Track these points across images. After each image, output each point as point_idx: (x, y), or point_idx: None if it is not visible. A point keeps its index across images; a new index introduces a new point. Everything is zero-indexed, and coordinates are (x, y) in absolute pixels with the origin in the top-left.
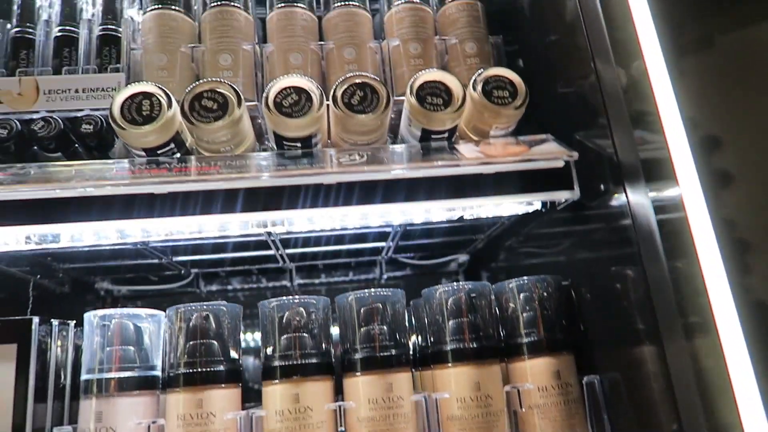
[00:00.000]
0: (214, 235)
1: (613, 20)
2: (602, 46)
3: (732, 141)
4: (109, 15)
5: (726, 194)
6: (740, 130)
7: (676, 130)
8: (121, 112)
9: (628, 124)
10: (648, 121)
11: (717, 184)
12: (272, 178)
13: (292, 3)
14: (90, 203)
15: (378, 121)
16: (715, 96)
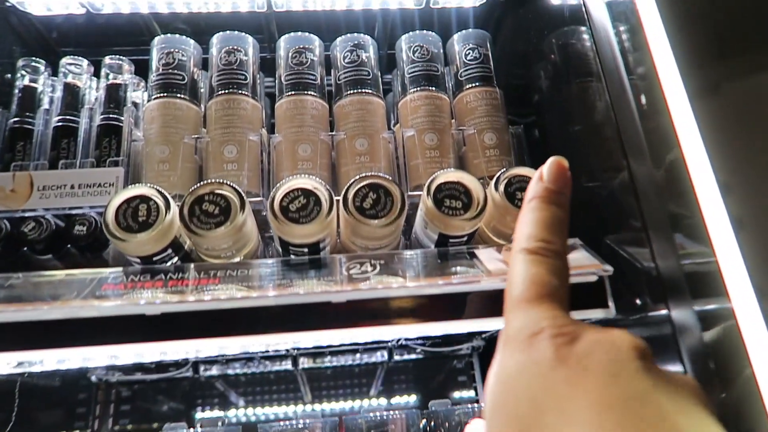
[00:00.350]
0: (214, 354)
1: (647, 114)
2: (636, 140)
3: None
4: (112, 103)
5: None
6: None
7: (723, 232)
8: (115, 218)
9: (667, 230)
10: (689, 225)
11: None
12: (276, 297)
13: (302, 91)
14: (77, 326)
15: (392, 227)
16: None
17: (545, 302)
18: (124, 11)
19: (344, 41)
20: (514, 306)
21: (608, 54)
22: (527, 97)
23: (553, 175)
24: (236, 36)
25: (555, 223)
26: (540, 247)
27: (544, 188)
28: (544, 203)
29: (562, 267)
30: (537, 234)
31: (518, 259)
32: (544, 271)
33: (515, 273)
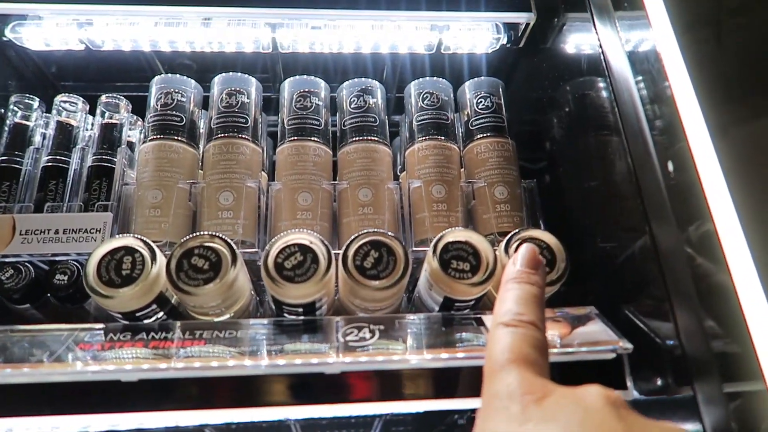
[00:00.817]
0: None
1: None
2: (659, 204)
3: None
4: (106, 144)
5: None
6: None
7: (759, 312)
8: (97, 271)
9: (695, 304)
10: (719, 299)
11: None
12: (263, 367)
13: (305, 137)
14: (48, 391)
15: (394, 289)
16: None
17: (517, 367)
18: (125, 48)
19: (351, 86)
20: (489, 374)
21: (629, 108)
22: (539, 144)
23: (525, 260)
24: (239, 78)
25: (528, 299)
26: (514, 319)
27: (517, 271)
28: (517, 283)
29: (537, 337)
30: (511, 309)
31: (495, 333)
32: (518, 341)
33: (492, 345)
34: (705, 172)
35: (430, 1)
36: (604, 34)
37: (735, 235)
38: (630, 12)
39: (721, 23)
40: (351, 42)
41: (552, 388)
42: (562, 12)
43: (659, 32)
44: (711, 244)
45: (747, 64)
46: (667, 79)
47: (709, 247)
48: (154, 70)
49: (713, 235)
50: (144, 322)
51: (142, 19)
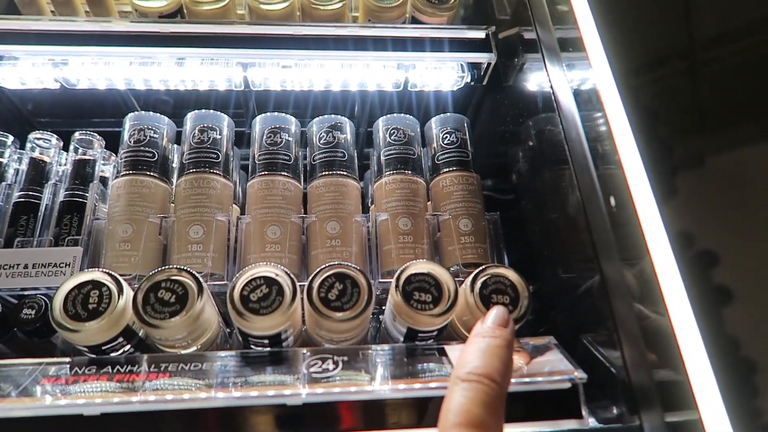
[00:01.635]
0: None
1: (616, 214)
2: (605, 239)
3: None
4: (78, 179)
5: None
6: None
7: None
8: (64, 305)
9: (638, 337)
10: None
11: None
12: (224, 399)
13: (274, 171)
14: (11, 426)
15: (357, 320)
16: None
17: (461, 430)
18: (100, 87)
19: (321, 122)
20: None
21: (576, 144)
22: (505, 177)
23: (495, 319)
24: (211, 115)
25: (490, 352)
26: (471, 372)
27: (484, 327)
28: (482, 337)
29: (490, 393)
30: (471, 361)
31: (451, 388)
32: (468, 401)
33: (445, 401)
34: (642, 209)
35: (396, 42)
36: (553, 74)
37: (671, 271)
38: (574, 53)
39: (692, 57)
40: (321, 80)
41: None
42: (521, 53)
43: (598, 72)
44: (649, 279)
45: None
46: (605, 116)
47: (648, 282)
48: (129, 107)
49: (651, 272)
50: (111, 356)
51: (117, 59)
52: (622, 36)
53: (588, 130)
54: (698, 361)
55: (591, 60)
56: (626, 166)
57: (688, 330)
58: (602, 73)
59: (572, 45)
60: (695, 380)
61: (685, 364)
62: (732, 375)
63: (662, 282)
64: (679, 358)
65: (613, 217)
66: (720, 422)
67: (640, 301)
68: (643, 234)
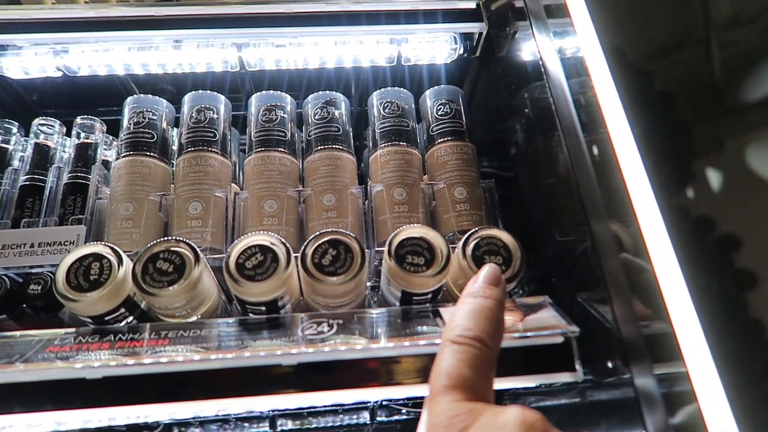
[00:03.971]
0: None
1: (601, 171)
2: (593, 198)
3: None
4: (80, 162)
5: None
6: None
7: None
8: (66, 277)
9: (626, 292)
10: (647, 290)
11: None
12: (221, 360)
13: (270, 147)
14: (17, 390)
15: (351, 284)
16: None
17: (451, 395)
18: (100, 74)
19: (315, 98)
20: (429, 397)
21: (564, 110)
22: (502, 148)
23: (486, 278)
24: (207, 95)
25: (480, 312)
26: (460, 335)
27: (475, 287)
28: (473, 297)
29: (479, 355)
30: (461, 323)
31: (441, 350)
32: (458, 363)
33: (436, 363)
34: (627, 169)
35: (389, 16)
36: (541, 42)
37: (656, 227)
38: (559, 20)
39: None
40: (315, 58)
41: (477, 415)
42: (512, 21)
43: (583, 38)
44: (635, 235)
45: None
46: (590, 79)
47: (634, 238)
48: (130, 93)
49: (636, 230)
50: (112, 326)
51: (116, 44)
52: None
53: (575, 95)
54: (683, 311)
55: (576, 26)
56: (612, 130)
57: (674, 281)
58: (587, 39)
59: (558, 11)
60: (681, 332)
61: (669, 315)
62: (719, 325)
63: (646, 235)
64: (664, 310)
65: (600, 176)
66: (706, 372)
67: (627, 257)
68: (627, 189)
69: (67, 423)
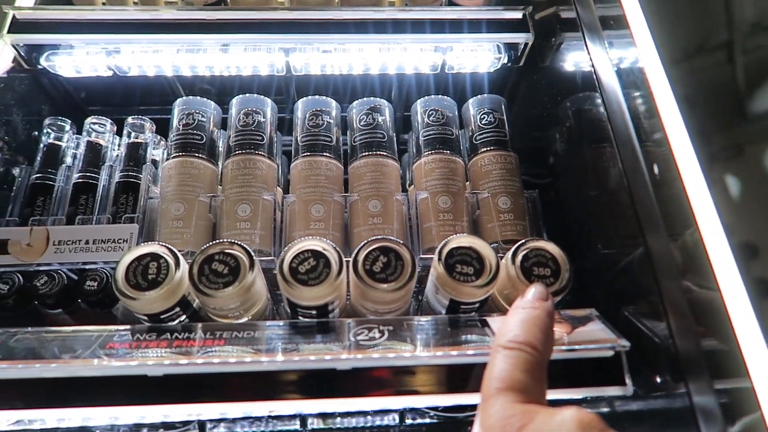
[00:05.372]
0: (216, 417)
1: (661, 184)
2: (650, 212)
3: None
4: (132, 161)
5: None
6: None
7: (742, 310)
8: (125, 275)
9: (684, 306)
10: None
11: None
12: (281, 362)
13: (317, 152)
14: (79, 385)
15: (402, 291)
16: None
17: (505, 397)
18: (149, 74)
19: (360, 105)
20: (483, 399)
21: (620, 121)
22: (543, 160)
23: (534, 294)
24: (255, 98)
25: (530, 321)
26: (511, 341)
27: (525, 300)
28: (521, 309)
29: (531, 360)
30: (512, 330)
31: (493, 355)
32: (510, 367)
33: (488, 368)
34: (688, 179)
35: (435, 24)
36: (594, 53)
37: (716, 233)
38: (616, 31)
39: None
40: (360, 64)
41: (532, 416)
42: (559, 32)
43: (643, 49)
44: (697, 249)
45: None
46: (650, 90)
47: (695, 251)
48: (176, 93)
49: (698, 239)
50: (167, 324)
51: (165, 46)
52: (666, 12)
53: (631, 106)
54: (749, 328)
55: (636, 38)
56: (672, 140)
57: (738, 299)
58: (647, 50)
59: (615, 22)
60: (746, 348)
61: (735, 331)
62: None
63: (709, 249)
64: (729, 326)
65: (658, 190)
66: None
67: (686, 273)
68: (690, 205)
69: (123, 417)
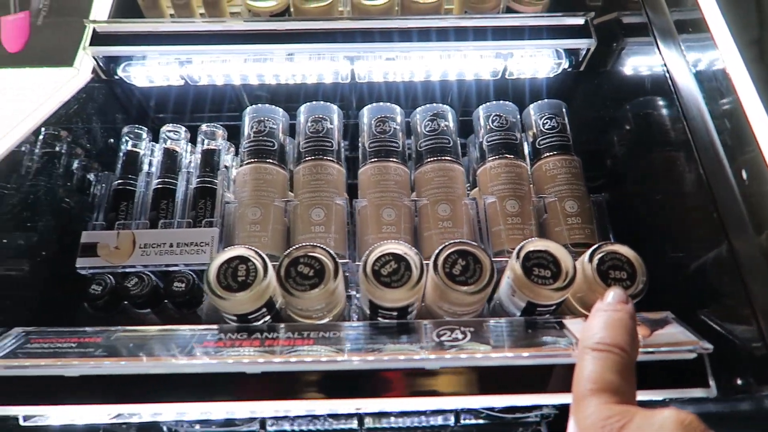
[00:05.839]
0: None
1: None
2: (736, 214)
3: None
4: (208, 167)
5: None
6: None
7: None
8: (217, 277)
9: None
10: None
11: None
12: (388, 361)
13: (386, 158)
14: (177, 381)
15: (482, 294)
16: None
17: (598, 398)
18: (218, 83)
19: (424, 111)
20: (575, 400)
21: (699, 123)
22: (600, 161)
23: (613, 297)
24: (322, 105)
25: (615, 324)
26: (599, 343)
27: (605, 303)
28: (603, 311)
29: (620, 362)
30: (598, 333)
31: (581, 357)
32: (601, 369)
33: (578, 370)
34: None
35: (497, 32)
36: (669, 56)
37: None
38: (694, 35)
39: None
40: (421, 71)
41: (631, 416)
42: (621, 37)
43: (725, 52)
44: None
45: None
46: (735, 93)
47: None
48: (240, 101)
49: None
50: (255, 324)
51: (234, 56)
52: (745, 14)
53: (712, 109)
54: None
55: (716, 40)
56: (762, 144)
57: None
58: (729, 53)
59: (692, 26)
60: None
61: None
62: None
63: None
64: None
65: (744, 190)
66: None
67: None
68: None
69: (214, 413)
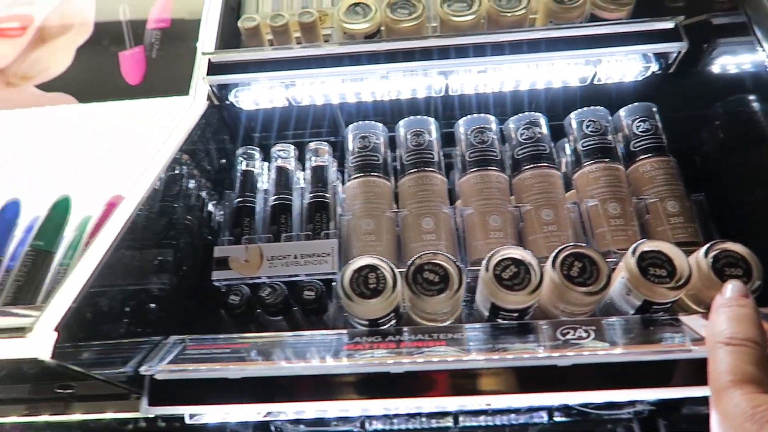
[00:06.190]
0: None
1: None
2: None
3: None
4: (319, 183)
5: None
6: None
7: None
8: (350, 284)
9: None
10: None
11: None
12: (513, 360)
13: (486, 167)
14: (323, 382)
15: (600, 295)
16: None
17: (741, 388)
18: (318, 103)
19: (518, 119)
20: (715, 393)
21: None
22: (689, 161)
23: (733, 290)
24: (419, 119)
25: (741, 318)
26: (731, 338)
27: (727, 299)
28: (728, 307)
29: (755, 354)
30: (727, 328)
31: (714, 352)
32: (737, 360)
33: (714, 365)
34: None
35: (585, 40)
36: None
37: None
38: None
39: None
40: (511, 81)
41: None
42: (712, 38)
43: None
44: None
45: None
46: None
47: None
48: (335, 119)
49: None
50: (386, 328)
51: (332, 78)
52: None
53: None
54: None
55: None
56: None
57: None
58: None
59: None
60: None
61: None
62: None
63: None
64: None
65: None
66: None
67: None
68: None
69: (372, 410)
